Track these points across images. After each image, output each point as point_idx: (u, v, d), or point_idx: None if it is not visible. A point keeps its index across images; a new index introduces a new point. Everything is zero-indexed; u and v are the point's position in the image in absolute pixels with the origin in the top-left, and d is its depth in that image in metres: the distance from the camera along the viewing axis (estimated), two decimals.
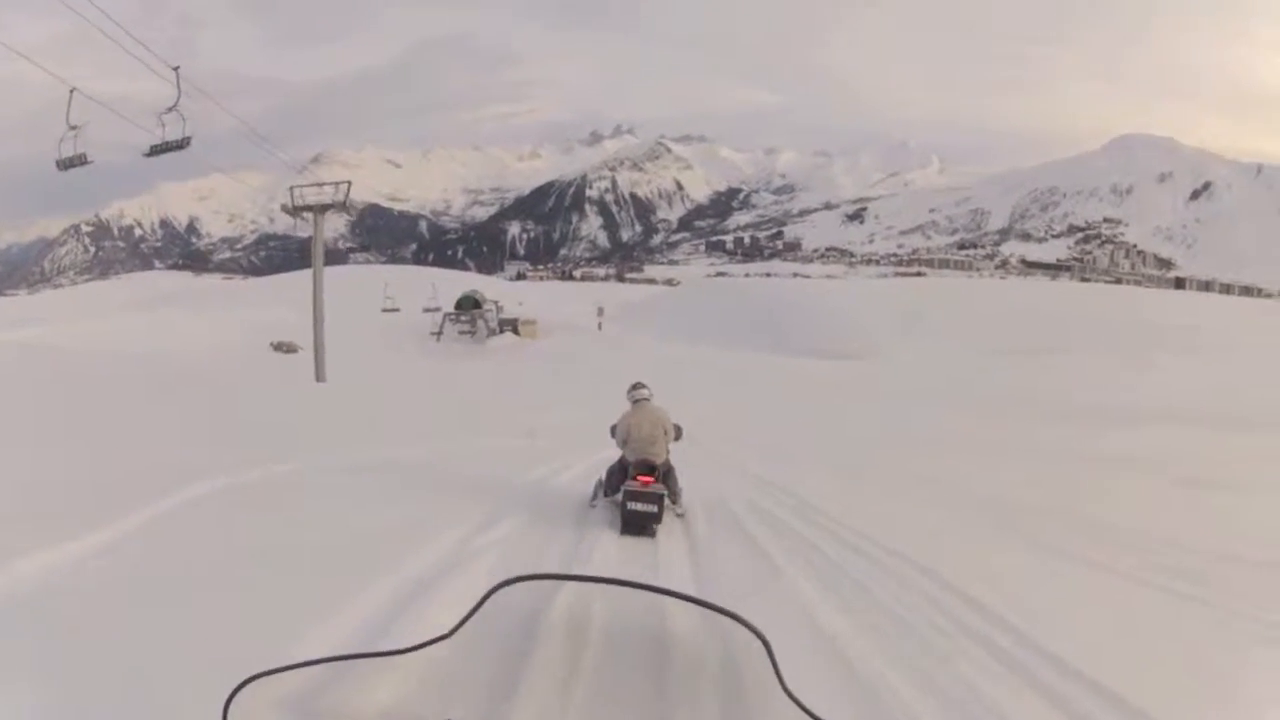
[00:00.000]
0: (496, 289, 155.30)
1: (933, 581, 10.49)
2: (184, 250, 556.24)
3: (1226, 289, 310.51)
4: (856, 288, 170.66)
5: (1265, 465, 27.44)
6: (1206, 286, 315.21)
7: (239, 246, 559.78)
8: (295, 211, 56.60)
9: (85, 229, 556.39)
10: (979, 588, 10.02)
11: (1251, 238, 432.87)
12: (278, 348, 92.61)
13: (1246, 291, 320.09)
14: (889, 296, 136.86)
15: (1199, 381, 63.83)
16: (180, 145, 42.83)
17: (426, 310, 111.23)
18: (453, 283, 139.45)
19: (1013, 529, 15.03)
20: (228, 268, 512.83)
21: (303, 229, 59.51)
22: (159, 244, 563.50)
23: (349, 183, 58.73)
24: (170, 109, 42.21)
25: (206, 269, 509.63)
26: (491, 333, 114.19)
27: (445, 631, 2.05)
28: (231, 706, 1.88)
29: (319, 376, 55.02)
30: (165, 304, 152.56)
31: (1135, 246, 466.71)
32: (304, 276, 61.04)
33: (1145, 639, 9.25)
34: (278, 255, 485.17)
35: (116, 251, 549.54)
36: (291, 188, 57.33)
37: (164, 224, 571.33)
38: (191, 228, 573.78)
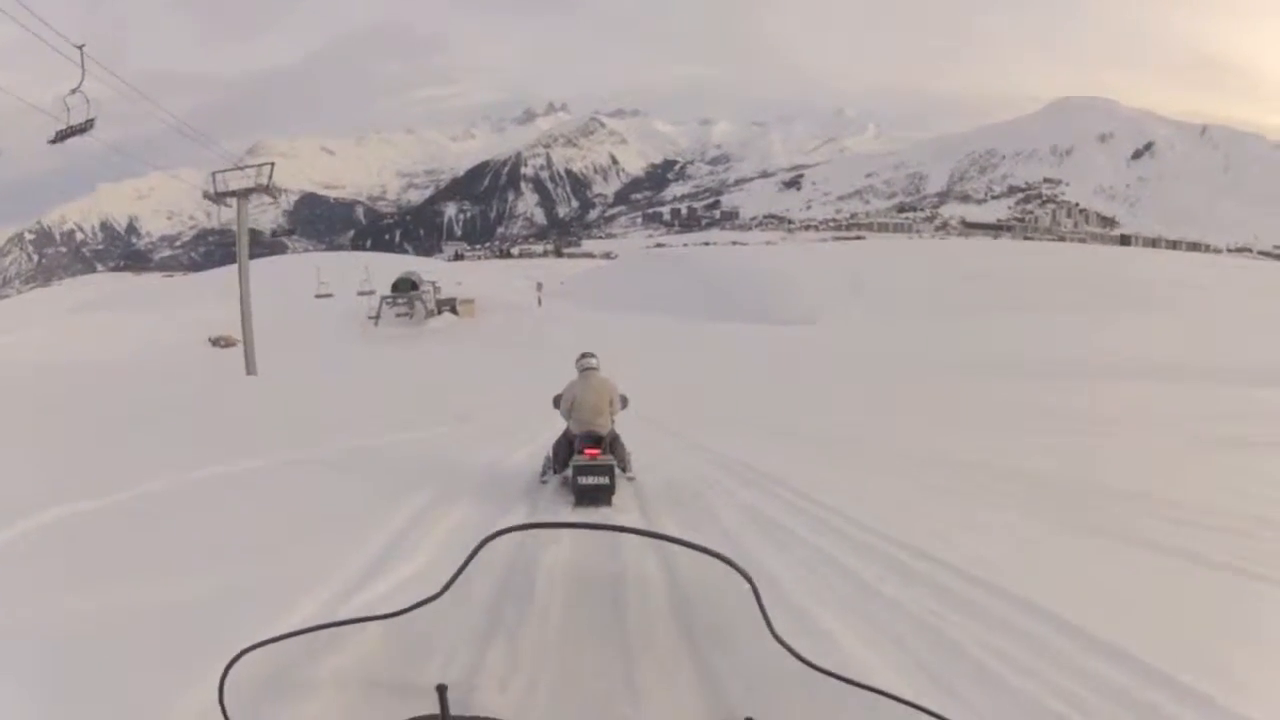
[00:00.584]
0: (435, 270, 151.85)
1: (1026, 614, 7.71)
2: (125, 251, 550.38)
3: (1173, 245, 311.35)
4: (799, 252, 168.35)
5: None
6: (1153, 243, 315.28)
7: (178, 244, 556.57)
8: (219, 198, 54.37)
9: (28, 237, 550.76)
10: (1107, 626, 7.16)
11: (1196, 195, 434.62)
12: (215, 342, 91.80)
13: (1194, 247, 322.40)
14: (832, 260, 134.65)
15: (1162, 336, 61.54)
16: (84, 128, 41.46)
17: (360, 294, 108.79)
18: (389, 266, 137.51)
19: (1062, 512, 12.34)
20: (169, 265, 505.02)
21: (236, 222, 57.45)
22: (100, 246, 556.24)
23: (271, 164, 56.69)
24: (74, 90, 41.22)
25: (147, 268, 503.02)
26: (430, 314, 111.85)
27: (434, 592, 2.04)
28: (227, 681, 1.89)
29: (249, 369, 52.89)
30: (102, 307, 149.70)
31: (1077, 205, 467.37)
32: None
33: None
34: (217, 250, 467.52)
35: (59, 258, 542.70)
36: (214, 173, 54.90)
37: (104, 226, 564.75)
38: (131, 228, 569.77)
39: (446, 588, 2.00)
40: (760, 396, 38.29)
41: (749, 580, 1.87)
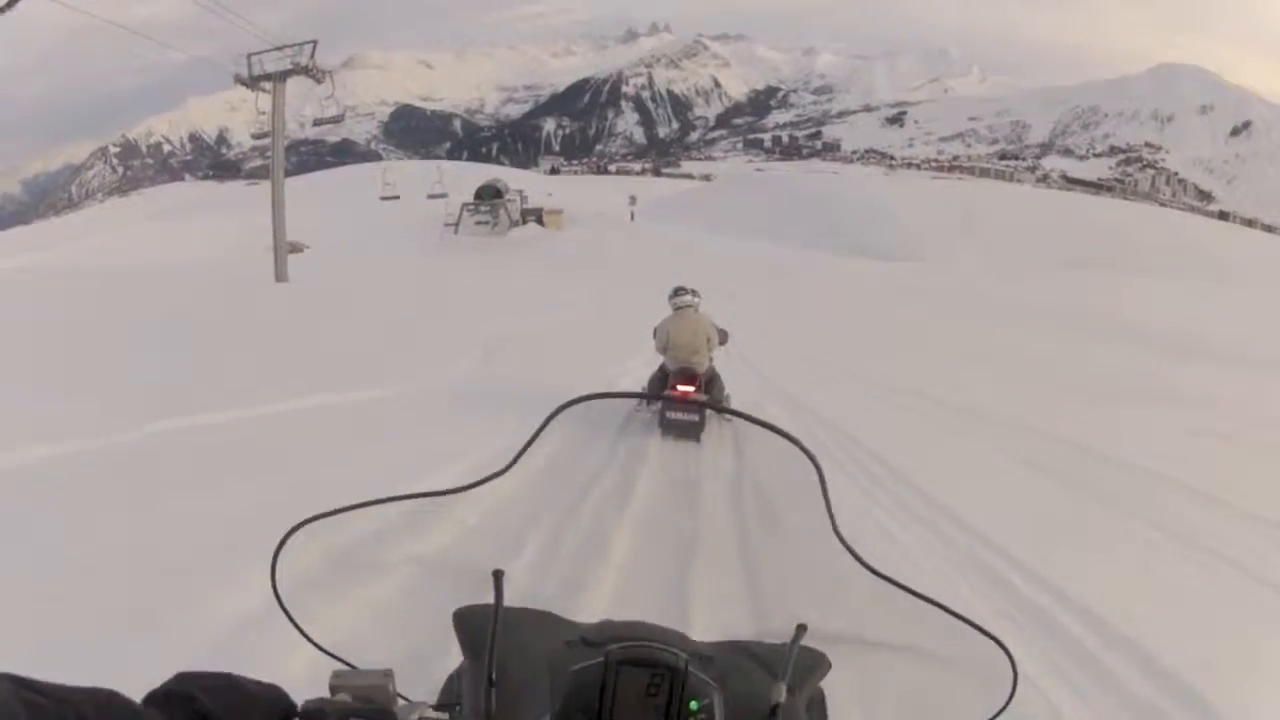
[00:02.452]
0: (528, 182, 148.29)
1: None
2: (214, 161, 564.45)
3: (1269, 229, 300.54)
4: (903, 186, 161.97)
5: None
6: (1250, 223, 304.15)
7: (269, 154, 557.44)
8: (253, 82, 48.68)
9: (113, 150, 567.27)
10: None
11: None
12: None
13: None
14: (938, 198, 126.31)
15: None
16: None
17: (431, 196, 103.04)
18: (478, 175, 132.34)
19: None
20: (259, 175, 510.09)
21: (331, 134, 52.97)
22: (188, 157, 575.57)
23: (314, 42, 50.34)
24: None
25: (237, 177, 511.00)
26: (514, 224, 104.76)
27: (501, 468, 2.02)
28: (281, 554, 1.90)
29: (280, 275, 48.23)
30: (178, 214, 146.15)
31: (1176, 175, 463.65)
32: (325, 177, 54.95)
33: None
34: (310, 159, 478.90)
35: (145, 169, 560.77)
36: (249, 55, 49.01)
37: (193, 137, 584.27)
38: (221, 139, 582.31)
39: (513, 463, 1.99)
40: (867, 342, 32.15)
41: (816, 467, 1.88)
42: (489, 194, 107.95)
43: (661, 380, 14.57)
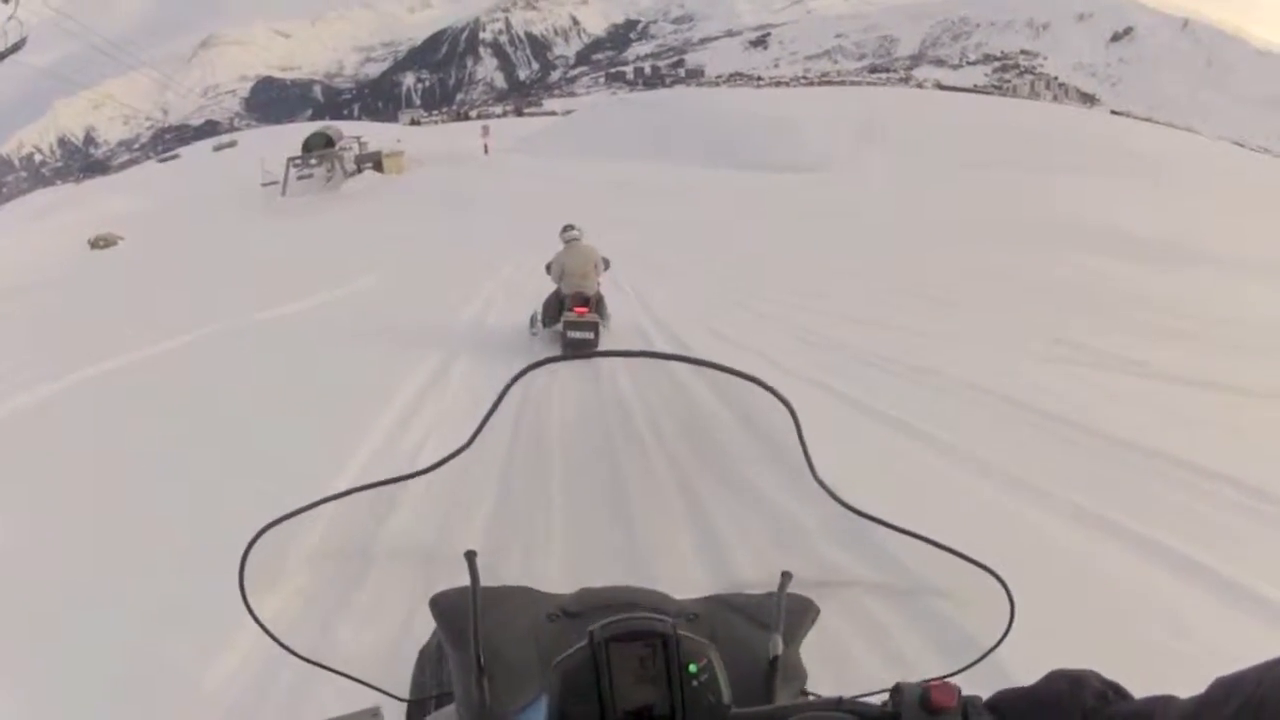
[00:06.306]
0: (385, 136, 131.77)
1: None
2: (84, 163, 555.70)
3: (1166, 126, 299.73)
4: (791, 96, 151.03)
5: None
6: (1147, 121, 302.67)
7: (136, 146, 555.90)
8: None
9: None
10: None
11: (1179, 85, 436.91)
12: (94, 244, 76.84)
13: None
14: (833, 105, 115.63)
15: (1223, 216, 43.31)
16: None
17: (216, 149, 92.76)
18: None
19: None
20: (127, 169, 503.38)
21: (194, 116, 44.45)
22: (59, 164, 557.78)
23: None
24: None
25: (106, 174, 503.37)
26: (348, 174, 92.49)
27: (463, 444, 1.97)
28: (248, 560, 1.88)
29: None
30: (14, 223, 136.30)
31: (1057, 79, 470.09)
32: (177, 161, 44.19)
33: None
34: (175, 144, 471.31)
35: (20, 183, 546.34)
36: None
37: (62, 142, 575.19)
38: (89, 139, 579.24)
39: (474, 437, 1.95)
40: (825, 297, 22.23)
41: (790, 410, 1.84)
42: (319, 143, 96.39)
43: (557, 304, 16.52)
